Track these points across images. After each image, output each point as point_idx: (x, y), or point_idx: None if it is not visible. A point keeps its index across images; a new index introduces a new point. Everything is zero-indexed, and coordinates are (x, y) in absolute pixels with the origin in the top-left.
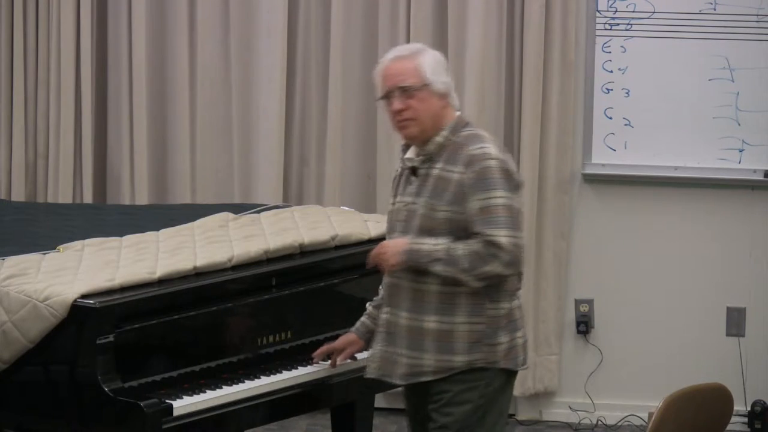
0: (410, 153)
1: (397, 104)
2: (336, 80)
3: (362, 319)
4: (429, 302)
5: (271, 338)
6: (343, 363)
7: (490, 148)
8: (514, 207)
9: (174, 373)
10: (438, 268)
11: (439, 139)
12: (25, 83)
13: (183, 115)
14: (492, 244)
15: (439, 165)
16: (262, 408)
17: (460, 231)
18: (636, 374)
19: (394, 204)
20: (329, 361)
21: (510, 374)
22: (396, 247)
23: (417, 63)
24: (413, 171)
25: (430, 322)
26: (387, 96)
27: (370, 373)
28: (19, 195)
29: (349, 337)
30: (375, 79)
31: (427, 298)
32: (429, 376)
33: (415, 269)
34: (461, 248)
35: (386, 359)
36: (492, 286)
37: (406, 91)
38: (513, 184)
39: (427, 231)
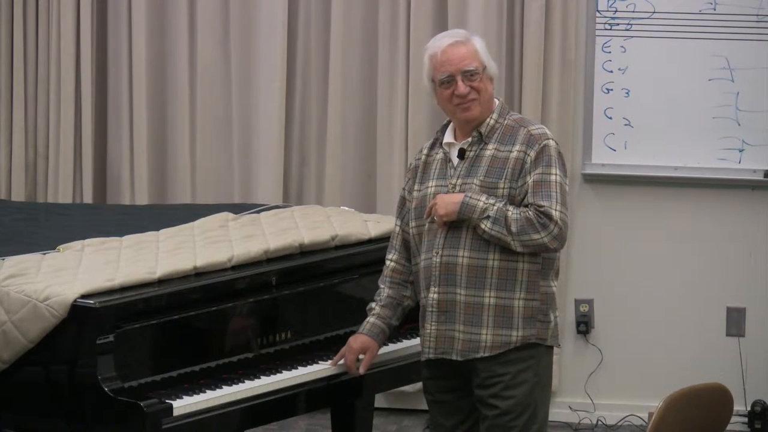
0: (448, 138)
1: (463, 87)
2: (336, 80)
3: (372, 320)
4: (489, 278)
5: (271, 338)
6: (339, 366)
7: (547, 129)
8: (565, 187)
9: (174, 373)
10: (487, 225)
11: (491, 121)
12: (25, 83)
13: (183, 115)
14: (544, 215)
15: (491, 146)
16: (262, 408)
17: (516, 205)
18: (636, 374)
19: (429, 188)
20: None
21: (552, 352)
22: (451, 199)
23: (475, 47)
24: (461, 153)
25: (490, 297)
26: (448, 80)
27: (427, 354)
28: (19, 195)
29: (364, 340)
30: (429, 63)
31: (487, 274)
32: (485, 351)
33: (474, 247)
34: (514, 212)
35: (443, 337)
36: (546, 264)
37: (468, 75)
38: (565, 167)
39: None
